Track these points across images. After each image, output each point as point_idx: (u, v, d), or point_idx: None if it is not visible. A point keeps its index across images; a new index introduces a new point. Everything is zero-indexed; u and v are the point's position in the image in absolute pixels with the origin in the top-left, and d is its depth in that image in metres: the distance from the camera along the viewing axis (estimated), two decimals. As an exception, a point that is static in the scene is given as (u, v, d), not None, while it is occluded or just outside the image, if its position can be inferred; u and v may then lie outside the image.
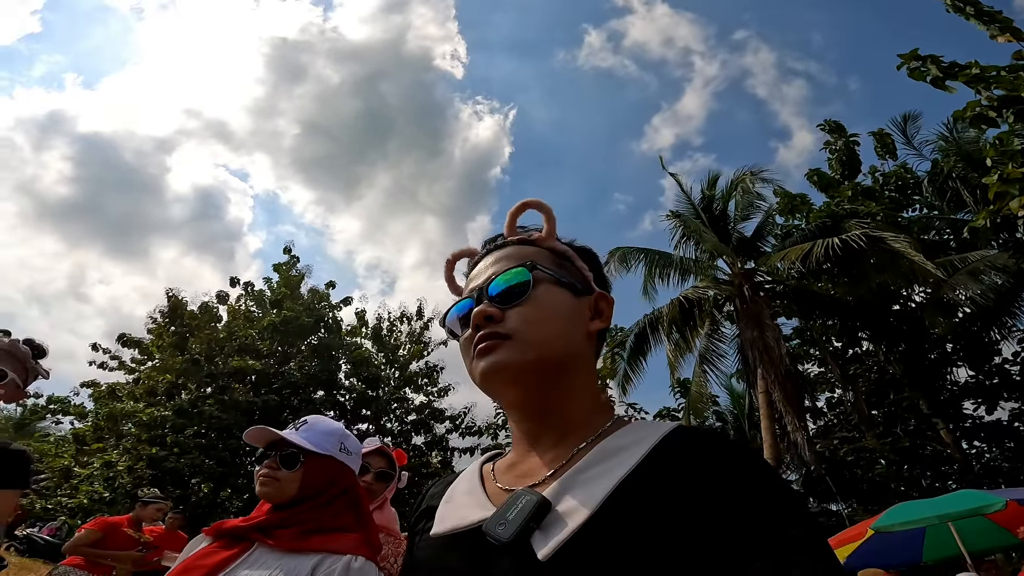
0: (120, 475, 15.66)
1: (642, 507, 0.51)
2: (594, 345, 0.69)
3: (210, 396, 17.81)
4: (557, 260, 0.70)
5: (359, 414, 20.20)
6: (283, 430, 1.36)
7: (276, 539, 1.19)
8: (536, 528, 0.53)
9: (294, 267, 21.67)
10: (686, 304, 10.60)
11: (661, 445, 0.56)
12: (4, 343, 1.61)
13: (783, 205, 10.70)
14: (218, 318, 20.05)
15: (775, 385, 9.88)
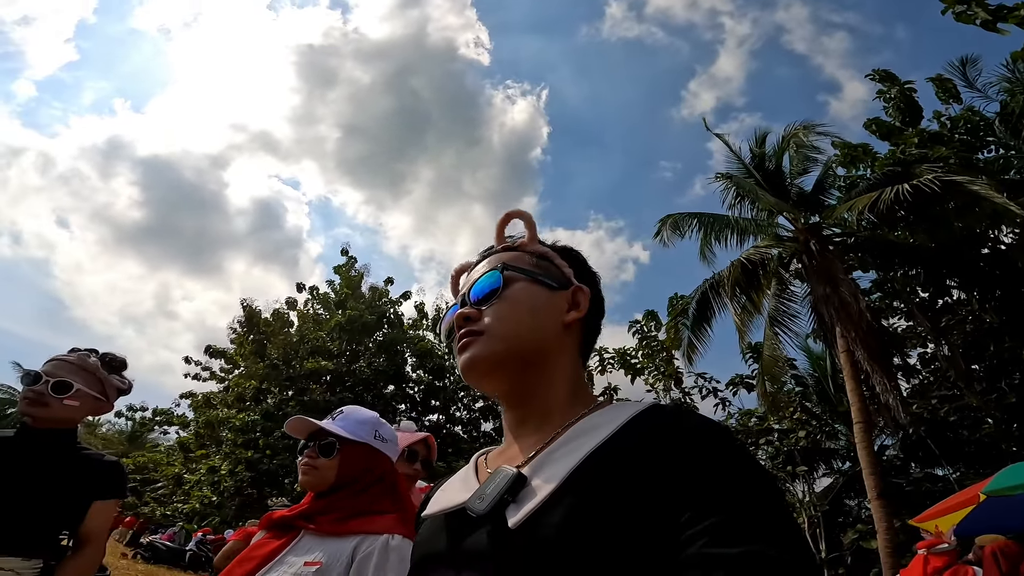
0: (223, 479, 16.90)
1: (604, 478, 0.54)
2: (577, 335, 0.73)
3: (292, 398, 18.89)
4: (536, 261, 0.75)
5: (429, 405, 20.87)
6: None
7: (319, 524, 1.26)
8: (512, 501, 0.57)
9: (353, 267, 22.46)
10: (748, 265, 10.02)
11: (630, 423, 0.59)
12: (71, 357, 1.66)
13: (843, 156, 10.16)
14: (290, 323, 21.18)
15: (857, 343, 9.17)
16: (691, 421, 0.57)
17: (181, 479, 18.84)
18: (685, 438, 0.54)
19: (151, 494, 21.80)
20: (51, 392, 1.55)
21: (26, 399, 1.55)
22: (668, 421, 0.57)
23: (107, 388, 1.67)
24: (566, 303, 0.72)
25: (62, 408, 1.56)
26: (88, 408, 1.63)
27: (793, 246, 9.97)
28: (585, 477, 0.55)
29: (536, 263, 0.74)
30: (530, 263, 0.74)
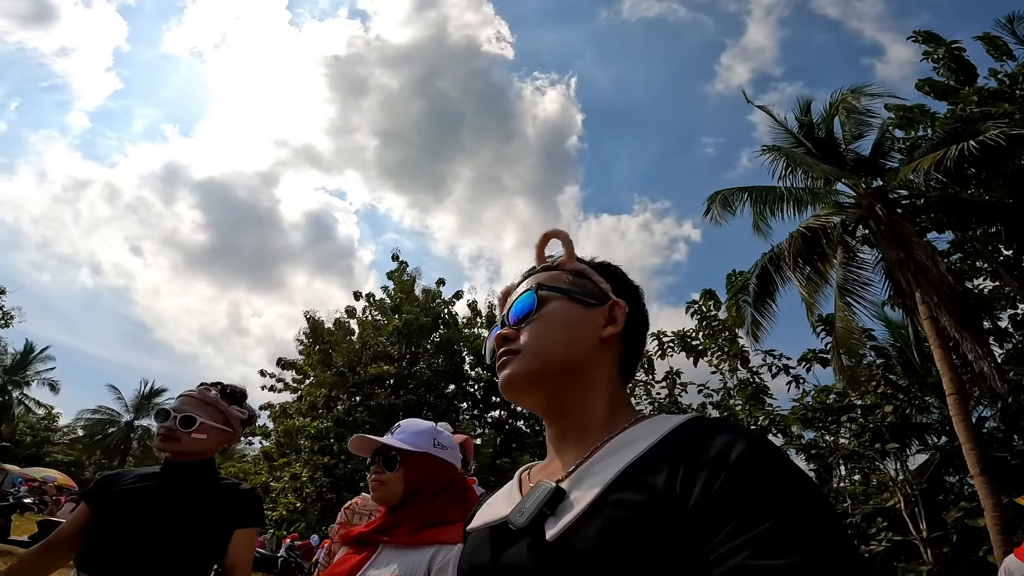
0: (305, 485, 17.89)
1: (639, 491, 0.55)
2: (616, 350, 0.74)
3: (359, 404, 19.71)
4: (572, 279, 0.76)
5: (490, 402, 21.18)
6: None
7: (395, 537, 1.31)
8: (550, 514, 0.59)
9: (405, 272, 23.06)
10: (809, 235, 9.44)
11: (668, 436, 0.59)
12: (195, 392, 1.74)
13: (899, 119, 9.66)
14: (351, 331, 22.03)
15: (941, 309, 8.44)
16: (729, 432, 0.56)
17: (268, 487, 20.05)
18: (722, 450, 0.53)
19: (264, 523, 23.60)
20: (179, 427, 1.63)
21: (160, 435, 1.65)
22: (705, 433, 0.57)
23: (230, 419, 1.75)
24: (603, 319, 0.73)
25: (191, 442, 1.64)
26: (216, 439, 1.71)
27: (857, 212, 9.46)
28: (621, 490, 0.56)
29: (573, 281, 0.76)
30: (566, 281, 0.76)
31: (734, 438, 0.55)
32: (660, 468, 0.56)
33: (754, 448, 0.53)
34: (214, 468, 1.73)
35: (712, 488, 0.51)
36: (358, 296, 23.51)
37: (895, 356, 12.01)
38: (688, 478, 0.53)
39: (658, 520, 0.52)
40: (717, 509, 0.49)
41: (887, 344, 12.23)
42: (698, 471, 0.53)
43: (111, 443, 37.64)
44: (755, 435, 0.56)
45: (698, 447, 0.55)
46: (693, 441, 0.56)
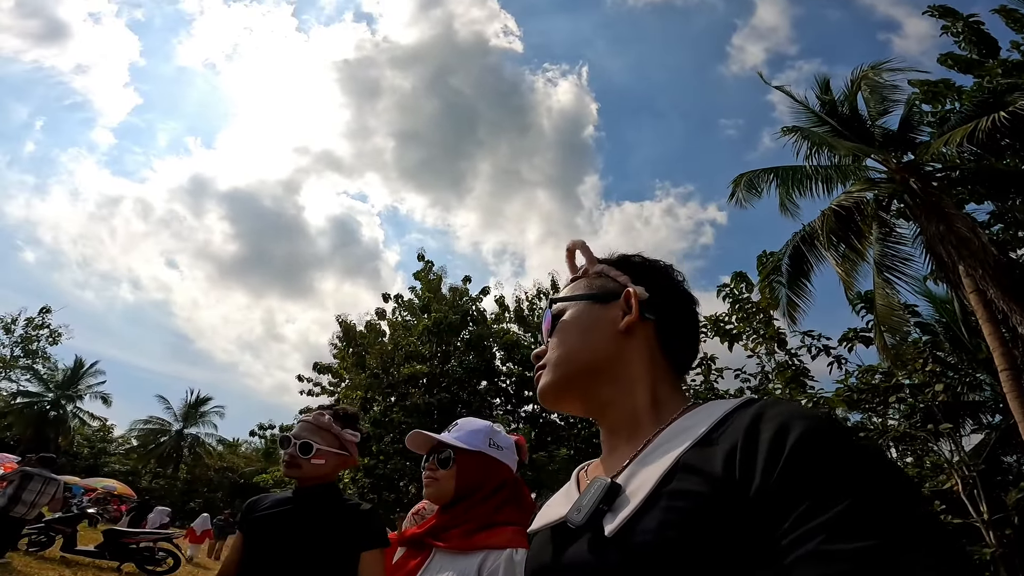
0: (347, 487, 18.32)
1: (696, 480, 0.54)
2: (646, 338, 0.73)
3: (395, 404, 20.07)
4: (590, 282, 0.79)
5: (523, 397, 21.29)
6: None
7: (447, 541, 1.30)
8: (607, 510, 0.59)
9: (431, 271, 23.32)
10: (842, 212, 9.20)
11: (722, 421, 0.58)
12: (310, 417, 1.81)
13: (924, 93, 9.48)
14: (382, 333, 22.44)
15: (987, 281, 8.12)
16: (788, 413, 0.54)
17: None
18: (781, 432, 0.51)
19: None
20: (299, 454, 1.71)
21: (284, 462, 1.75)
22: (762, 415, 0.55)
23: (344, 442, 1.80)
24: (621, 311, 0.74)
25: (311, 467, 1.71)
26: (334, 463, 1.77)
27: (891, 187, 9.22)
28: (677, 480, 0.56)
29: (589, 283, 0.79)
30: (583, 287, 0.79)
31: (793, 419, 0.52)
32: (716, 455, 0.55)
33: (817, 428, 0.51)
34: (338, 490, 1.80)
35: (773, 473, 0.49)
36: (387, 298, 23.91)
37: (942, 332, 11.55)
38: (747, 463, 0.51)
39: (718, 508, 0.51)
40: (782, 494, 0.47)
41: (932, 320, 11.77)
42: (756, 456, 0.51)
43: (164, 451, 39.48)
44: (817, 414, 0.54)
45: (755, 430, 0.53)
46: (749, 424, 0.55)
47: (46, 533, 8.49)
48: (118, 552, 8.49)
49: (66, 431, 32.57)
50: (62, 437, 32.13)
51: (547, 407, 0.78)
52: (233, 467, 41.29)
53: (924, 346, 11.16)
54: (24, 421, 31.13)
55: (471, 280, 24.14)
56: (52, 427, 32.16)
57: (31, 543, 8.32)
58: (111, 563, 8.53)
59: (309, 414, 1.83)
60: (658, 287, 0.76)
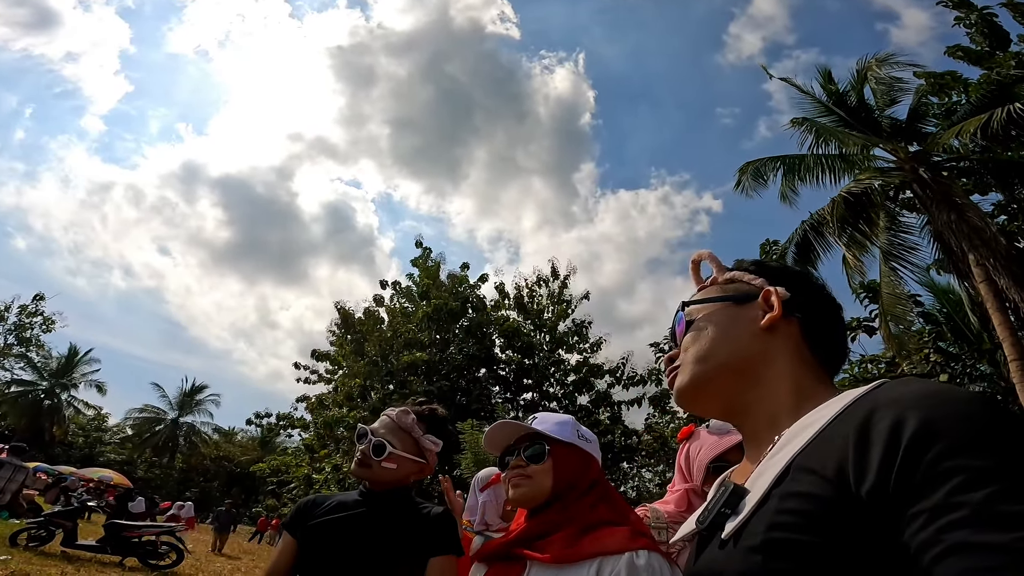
0: (347, 476, 18.34)
1: (808, 481, 0.52)
2: (791, 337, 0.70)
3: (394, 392, 20.04)
4: (723, 287, 0.77)
5: (522, 384, 21.35)
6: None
7: (546, 552, 1.12)
8: (730, 513, 0.59)
9: (428, 258, 23.21)
10: (851, 200, 9.26)
11: (841, 415, 0.55)
12: (394, 414, 1.62)
13: (931, 85, 9.53)
14: (381, 320, 22.33)
15: (999, 270, 8.14)
16: (904, 401, 0.49)
17: (311, 479, 20.61)
18: (895, 426, 0.47)
19: (287, 495, 24.13)
20: (371, 453, 1.55)
21: (357, 460, 1.59)
22: (875, 407, 0.51)
23: (423, 449, 1.61)
24: (760, 310, 0.71)
25: (380, 471, 1.55)
26: (408, 470, 1.59)
27: (899, 176, 9.32)
28: (790, 481, 0.55)
29: (722, 287, 0.77)
30: (715, 290, 0.78)
31: (910, 408, 0.48)
32: (829, 452, 0.52)
33: (939, 416, 0.46)
34: (411, 494, 1.63)
35: (891, 472, 0.45)
36: (384, 285, 23.83)
37: (944, 322, 11.62)
38: (859, 463, 0.48)
39: (830, 509, 0.49)
40: (905, 494, 0.44)
41: (935, 310, 11.84)
42: (869, 454, 0.48)
43: (159, 441, 39.62)
44: (945, 395, 0.49)
45: (867, 426, 0.50)
46: (863, 419, 0.51)
47: (46, 528, 8.42)
48: (120, 546, 8.48)
49: (61, 420, 32.69)
50: (57, 427, 32.23)
51: (683, 408, 0.76)
52: (229, 456, 41.47)
53: (929, 336, 11.24)
54: (19, 411, 31.27)
55: (469, 267, 24.03)
56: (47, 416, 32.31)
57: (31, 538, 8.25)
58: (113, 557, 8.52)
59: (393, 410, 1.65)
60: (799, 287, 0.73)
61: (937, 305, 11.78)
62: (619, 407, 19.52)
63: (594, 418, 19.26)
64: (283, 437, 32.65)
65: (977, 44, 9.60)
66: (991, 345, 9.73)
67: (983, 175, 9.24)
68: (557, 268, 22.21)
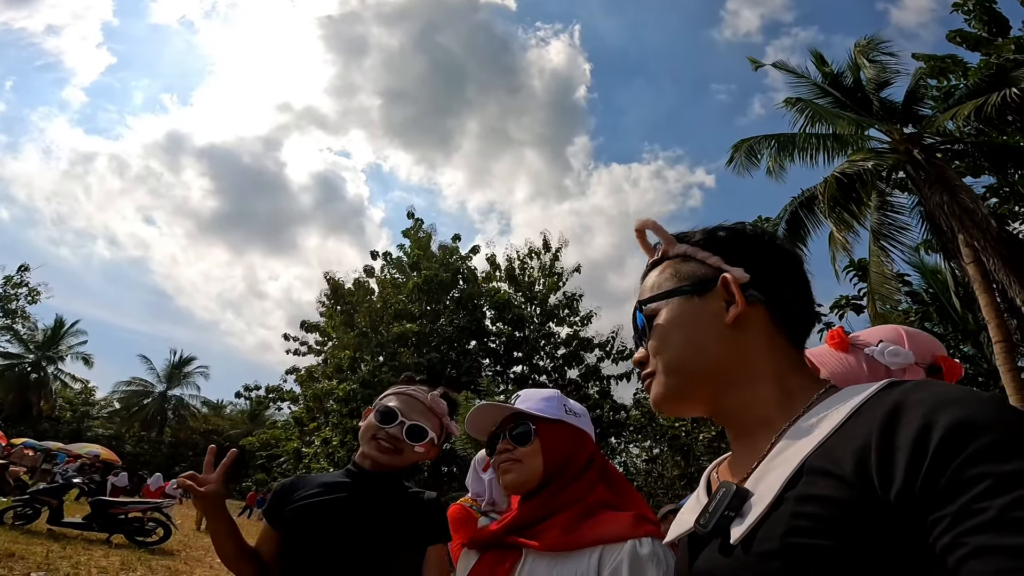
0: (336, 450, 18.54)
1: (826, 483, 0.51)
2: (759, 324, 0.66)
3: (384, 364, 20.08)
4: (676, 269, 0.72)
5: (512, 357, 21.49)
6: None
7: (543, 540, 1.06)
8: (734, 515, 0.57)
9: (420, 229, 23.01)
10: (844, 180, 9.24)
11: (855, 415, 0.53)
12: (423, 396, 1.52)
13: (931, 68, 9.54)
14: (371, 291, 22.22)
15: (988, 252, 8.20)
16: (931, 403, 0.48)
17: (300, 453, 20.79)
18: (922, 431, 0.46)
19: (277, 470, 24.34)
20: (405, 438, 1.45)
21: (382, 443, 1.45)
22: (901, 406, 0.49)
23: (446, 434, 1.56)
24: (723, 300, 0.66)
25: (412, 455, 1.47)
26: (425, 454, 1.51)
27: (893, 157, 9.31)
28: (805, 483, 0.53)
29: (676, 271, 0.71)
30: (671, 278, 0.71)
31: (938, 410, 0.47)
32: (847, 454, 0.50)
33: (968, 419, 0.45)
34: (401, 477, 1.55)
35: (917, 476, 0.44)
36: (375, 255, 23.67)
37: (930, 303, 11.79)
38: (885, 465, 0.47)
39: (852, 514, 0.48)
40: (932, 497, 0.43)
41: (922, 290, 11.98)
42: (895, 456, 0.46)
43: (147, 414, 39.70)
44: (970, 398, 0.47)
45: (892, 426, 0.48)
46: (886, 419, 0.49)
47: (31, 506, 8.43)
48: (107, 523, 8.55)
49: (48, 394, 32.73)
50: (44, 401, 32.29)
51: (666, 415, 0.73)
52: (219, 430, 41.23)
53: (915, 316, 11.37)
54: (5, 385, 31.21)
55: (460, 239, 23.90)
56: (34, 390, 32.28)
57: (16, 516, 8.28)
58: (100, 535, 8.61)
59: (418, 390, 1.54)
60: (757, 262, 0.68)
61: (924, 285, 11.91)
62: (608, 381, 19.72)
63: (583, 392, 19.50)
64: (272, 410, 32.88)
65: (976, 29, 9.65)
66: (976, 327, 9.89)
67: (977, 158, 9.24)
68: (549, 240, 22.13)
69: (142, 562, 7.39)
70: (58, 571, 5.82)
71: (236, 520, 1.52)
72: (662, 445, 16.70)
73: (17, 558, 6.00)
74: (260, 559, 1.48)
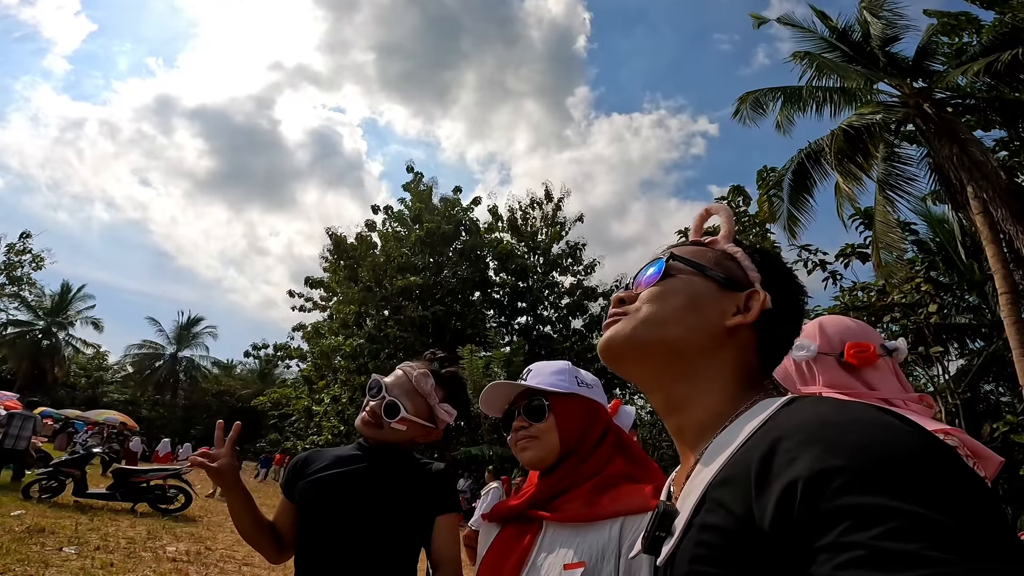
0: (346, 407, 18.99)
1: (719, 513, 0.51)
2: (744, 345, 0.67)
3: (389, 317, 20.26)
4: (718, 258, 0.71)
5: (516, 308, 21.65)
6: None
7: (563, 514, 1.08)
8: (664, 535, 0.58)
9: (421, 183, 22.68)
10: (852, 132, 9.10)
11: (752, 439, 0.54)
12: (413, 372, 1.54)
13: (943, 25, 9.06)
14: (373, 245, 22.16)
15: (996, 203, 8.11)
16: (805, 434, 0.47)
17: (311, 411, 21.26)
18: (796, 465, 0.45)
19: (289, 429, 24.97)
20: (382, 413, 1.49)
21: (364, 414, 1.51)
22: (778, 441, 0.49)
23: (435, 416, 1.55)
24: (736, 306, 0.67)
25: (389, 432, 1.50)
26: (414, 433, 1.53)
27: (903, 111, 9.12)
28: (705, 512, 0.54)
29: (716, 259, 0.71)
30: (708, 258, 0.71)
31: (809, 441, 0.46)
32: (736, 484, 0.51)
33: (833, 451, 0.44)
34: (411, 450, 1.59)
35: (791, 508, 0.44)
36: (376, 210, 23.42)
37: (936, 252, 11.67)
38: (761, 497, 0.47)
39: (738, 543, 0.48)
40: (807, 530, 0.42)
41: (928, 239, 11.86)
42: (770, 489, 0.46)
43: (160, 377, 40.41)
44: (840, 428, 0.46)
45: (770, 458, 0.48)
46: (764, 453, 0.49)
47: (55, 478, 8.64)
48: (130, 492, 8.87)
49: (61, 361, 33.53)
50: (58, 367, 33.12)
51: (605, 360, 0.69)
52: (230, 391, 41.71)
53: (921, 265, 11.27)
54: (18, 353, 31.86)
55: (462, 191, 23.57)
56: (47, 357, 32.97)
57: (43, 490, 8.51)
58: (124, 504, 8.94)
59: (413, 368, 1.56)
60: (782, 300, 0.69)
61: (931, 234, 11.76)
62: (612, 332, 19.83)
63: (588, 343, 19.76)
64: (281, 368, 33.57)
65: (991, -14, 9.01)
66: (981, 277, 9.84)
67: (988, 113, 9.02)
68: (551, 191, 21.80)
69: (167, 530, 7.73)
70: (88, 544, 6.09)
71: (252, 483, 1.56)
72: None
73: (48, 533, 6.27)
74: (277, 531, 1.55)
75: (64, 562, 5.19)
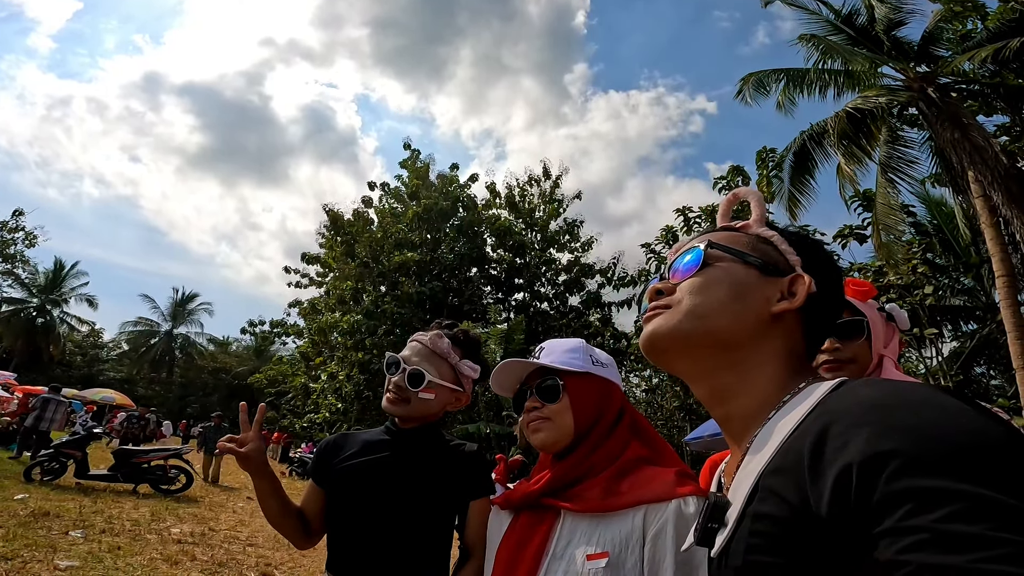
0: (343, 384, 19.08)
1: (773, 501, 0.51)
2: (790, 331, 0.66)
3: (386, 294, 20.25)
4: (754, 243, 0.70)
5: (513, 284, 21.65)
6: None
7: (583, 503, 1.03)
8: (718, 527, 0.59)
9: (417, 159, 22.44)
10: (856, 115, 9.11)
11: (802, 424, 0.53)
12: (425, 339, 1.49)
13: (948, 11, 9.03)
14: (370, 221, 21.99)
15: (996, 187, 8.18)
16: (856, 421, 0.47)
17: (308, 388, 21.33)
18: (849, 453, 0.45)
19: (286, 407, 25.12)
20: (407, 384, 1.43)
21: (390, 393, 1.46)
22: (828, 427, 0.48)
23: (460, 376, 1.51)
24: (780, 292, 0.66)
25: (419, 403, 1.44)
26: (444, 400, 1.48)
27: (907, 95, 9.11)
28: (758, 502, 0.53)
29: (754, 245, 0.70)
30: (745, 244, 0.70)
31: (860, 424, 0.46)
32: (788, 472, 0.51)
33: (887, 432, 0.44)
34: (440, 430, 1.54)
35: (848, 497, 0.44)
36: (372, 186, 23.22)
37: (935, 235, 11.76)
38: (816, 484, 0.47)
39: (795, 531, 0.48)
40: (866, 515, 0.42)
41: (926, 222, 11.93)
42: (824, 476, 0.46)
43: (155, 355, 40.43)
44: (889, 409, 0.46)
45: (822, 444, 0.48)
46: (815, 440, 0.49)
47: (57, 460, 8.68)
48: (131, 473, 8.95)
49: (56, 339, 33.39)
50: (53, 346, 33.03)
51: (650, 357, 0.69)
52: (226, 368, 41.43)
53: (919, 247, 11.35)
54: (13, 331, 31.73)
55: (458, 167, 23.38)
56: (42, 336, 32.88)
57: (44, 472, 8.54)
58: (127, 485, 9.07)
59: (424, 334, 1.51)
60: (826, 283, 0.68)
61: (929, 217, 11.83)
62: (609, 308, 19.92)
63: (585, 319, 19.84)
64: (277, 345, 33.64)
65: (999, -27, 8.87)
66: (978, 260, 9.93)
67: (991, 99, 9.04)
68: (549, 168, 21.61)
69: (170, 512, 7.84)
70: (94, 527, 6.16)
71: None
72: (661, 375, 17.22)
73: (53, 516, 6.32)
74: (304, 517, 1.51)
75: (71, 546, 5.27)
